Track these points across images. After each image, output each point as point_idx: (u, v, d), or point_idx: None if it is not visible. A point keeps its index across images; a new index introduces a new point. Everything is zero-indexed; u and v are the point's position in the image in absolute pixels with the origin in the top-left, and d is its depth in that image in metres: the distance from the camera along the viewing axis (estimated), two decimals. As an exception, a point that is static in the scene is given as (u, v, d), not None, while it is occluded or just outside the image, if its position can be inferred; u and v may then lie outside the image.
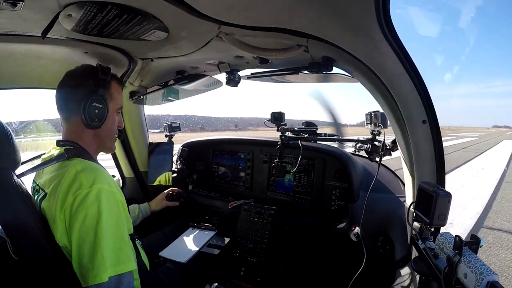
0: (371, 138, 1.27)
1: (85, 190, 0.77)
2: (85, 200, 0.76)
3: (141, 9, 0.74)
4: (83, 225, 0.75)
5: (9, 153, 0.81)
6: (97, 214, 0.76)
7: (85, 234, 0.75)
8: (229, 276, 1.54)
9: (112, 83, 0.97)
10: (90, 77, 0.92)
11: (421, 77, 0.89)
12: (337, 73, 1.11)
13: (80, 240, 0.75)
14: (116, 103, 0.99)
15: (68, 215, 0.77)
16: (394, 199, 1.45)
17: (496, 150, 16.57)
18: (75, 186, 0.78)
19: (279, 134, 1.53)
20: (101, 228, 0.75)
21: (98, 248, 0.74)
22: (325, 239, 1.54)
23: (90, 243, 0.74)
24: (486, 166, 9.68)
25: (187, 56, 1.18)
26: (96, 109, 0.89)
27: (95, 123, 0.90)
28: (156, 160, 1.86)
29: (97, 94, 0.90)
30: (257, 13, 0.77)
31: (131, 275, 0.80)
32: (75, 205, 0.76)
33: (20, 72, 1.24)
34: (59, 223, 0.78)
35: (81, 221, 0.75)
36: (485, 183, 7.03)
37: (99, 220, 0.75)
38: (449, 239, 0.79)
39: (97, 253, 0.74)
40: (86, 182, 0.78)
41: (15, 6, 0.67)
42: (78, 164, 0.84)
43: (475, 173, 8.37)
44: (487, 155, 13.72)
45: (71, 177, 0.80)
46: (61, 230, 0.78)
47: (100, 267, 0.73)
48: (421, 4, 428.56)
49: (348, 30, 0.81)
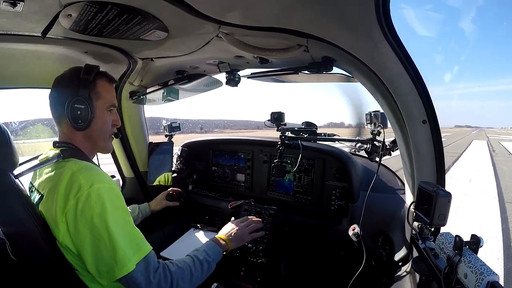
0: (371, 138, 1.27)
1: (85, 192, 0.77)
2: (88, 202, 0.76)
3: (141, 9, 0.74)
4: (93, 226, 0.76)
5: (6, 153, 0.81)
6: (104, 212, 0.77)
7: (97, 234, 0.76)
8: (229, 276, 1.54)
9: (98, 82, 0.93)
10: (74, 78, 0.90)
11: (421, 77, 0.89)
12: (337, 73, 1.11)
13: (94, 241, 0.77)
14: (105, 102, 0.95)
15: (71, 218, 0.77)
16: (394, 199, 1.45)
17: (471, 152, 15.72)
18: (74, 189, 0.77)
19: (279, 134, 1.54)
20: (112, 224, 0.77)
21: (115, 243, 0.76)
22: (325, 239, 1.54)
23: (105, 240, 0.76)
24: (473, 177, 8.19)
25: (187, 56, 1.18)
26: (78, 110, 0.86)
27: (80, 124, 0.88)
28: (156, 160, 1.85)
29: (78, 95, 0.87)
30: (257, 13, 0.77)
31: (153, 254, 0.85)
32: (79, 208, 0.76)
33: (20, 72, 1.24)
34: (60, 226, 0.78)
35: (89, 223, 0.76)
36: (485, 206, 5.37)
37: (107, 217, 0.77)
38: (449, 239, 0.79)
39: (116, 248, 0.76)
40: (85, 183, 0.78)
41: (15, 6, 0.67)
42: (73, 165, 0.83)
43: (464, 187, 6.76)
44: (465, 159, 12.48)
45: (68, 178, 0.80)
46: (63, 232, 0.79)
47: (124, 259, 0.77)
48: (421, 4, 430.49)
49: (348, 30, 0.81)
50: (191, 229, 1.73)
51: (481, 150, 17.06)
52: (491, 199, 5.90)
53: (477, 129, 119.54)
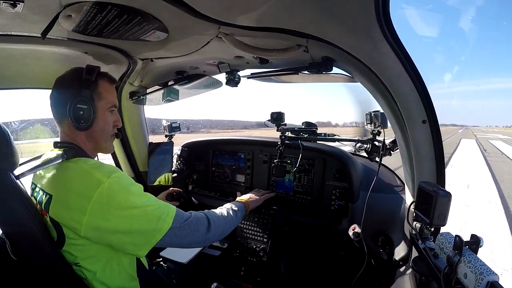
0: (371, 138, 1.27)
1: (106, 183, 0.80)
2: (112, 190, 0.80)
3: (141, 10, 0.75)
4: (125, 210, 0.81)
5: (7, 153, 0.81)
6: (128, 195, 0.83)
7: (129, 214, 0.82)
8: (229, 276, 1.54)
9: (100, 82, 0.95)
10: (75, 79, 0.91)
11: (421, 77, 0.89)
12: (337, 73, 1.11)
13: (129, 221, 0.82)
14: (107, 102, 0.96)
15: (98, 211, 0.79)
16: (394, 199, 1.45)
17: (462, 153, 15.08)
18: (92, 184, 0.80)
19: (279, 134, 1.54)
20: (138, 201, 0.84)
21: (149, 213, 0.84)
22: (325, 239, 1.54)
23: (140, 216, 0.83)
24: (470, 181, 7.42)
25: (187, 56, 1.18)
26: (81, 111, 0.88)
27: (82, 124, 0.89)
28: (156, 160, 1.86)
29: (80, 95, 0.88)
30: (257, 13, 0.77)
31: (179, 211, 0.93)
32: (104, 199, 0.79)
33: (20, 72, 1.24)
34: (81, 222, 0.78)
35: (118, 208, 0.80)
36: (492, 222, 4.52)
37: (132, 198, 0.83)
38: (449, 239, 0.79)
39: (150, 219, 0.84)
40: (102, 176, 0.81)
41: (15, 6, 0.67)
42: (84, 164, 0.85)
43: (463, 196, 5.86)
44: (457, 161, 11.78)
45: (82, 177, 0.82)
46: (87, 227, 0.79)
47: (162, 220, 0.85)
48: (421, 4, 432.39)
49: (348, 30, 0.81)
50: None
51: (472, 150, 16.42)
52: (496, 211, 5.11)
53: (463, 127, 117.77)
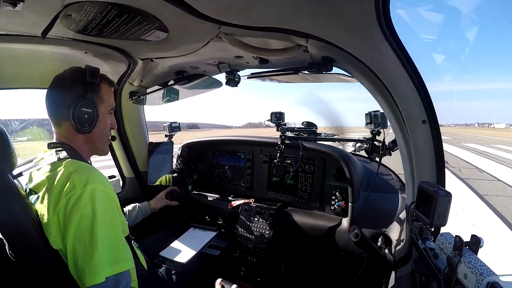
0: (371, 138, 1.27)
1: (78, 191, 0.75)
2: (79, 201, 0.74)
3: (141, 9, 0.75)
4: (78, 226, 0.74)
5: (5, 154, 0.81)
6: (91, 214, 0.74)
7: (80, 235, 0.74)
8: (229, 276, 1.54)
9: (101, 85, 0.94)
10: (78, 81, 0.90)
11: (421, 77, 0.89)
12: (337, 73, 1.11)
13: (75, 242, 0.74)
14: (107, 105, 0.96)
15: (62, 217, 0.76)
16: (394, 199, 1.45)
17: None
18: (68, 188, 0.76)
19: (279, 134, 1.54)
20: (96, 228, 0.74)
21: (94, 248, 0.72)
22: (325, 239, 1.54)
23: (85, 244, 0.73)
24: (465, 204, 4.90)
25: (187, 56, 1.18)
26: (85, 114, 0.87)
27: (86, 128, 0.88)
28: (156, 160, 1.86)
29: (85, 99, 0.88)
30: (257, 13, 0.77)
31: (128, 275, 0.79)
32: (69, 207, 0.75)
33: (21, 72, 1.24)
34: (52, 226, 0.77)
35: (76, 223, 0.74)
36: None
37: (94, 220, 0.74)
38: (449, 239, 0.79)
39: (93, 254, 0.72)
40: (79, 182, 0.76)
41: (15, 6, 0.67)
42: (70, 166, 0.82)
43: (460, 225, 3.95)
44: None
45: (64, 178, 0.79)
46: (55, 233, 0.77)
47: (97, 268, 0.72)
48: (421, 4, 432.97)
49: (348, 30, 0.81)
50: (191, 228, 1.73)
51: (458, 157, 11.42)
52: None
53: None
